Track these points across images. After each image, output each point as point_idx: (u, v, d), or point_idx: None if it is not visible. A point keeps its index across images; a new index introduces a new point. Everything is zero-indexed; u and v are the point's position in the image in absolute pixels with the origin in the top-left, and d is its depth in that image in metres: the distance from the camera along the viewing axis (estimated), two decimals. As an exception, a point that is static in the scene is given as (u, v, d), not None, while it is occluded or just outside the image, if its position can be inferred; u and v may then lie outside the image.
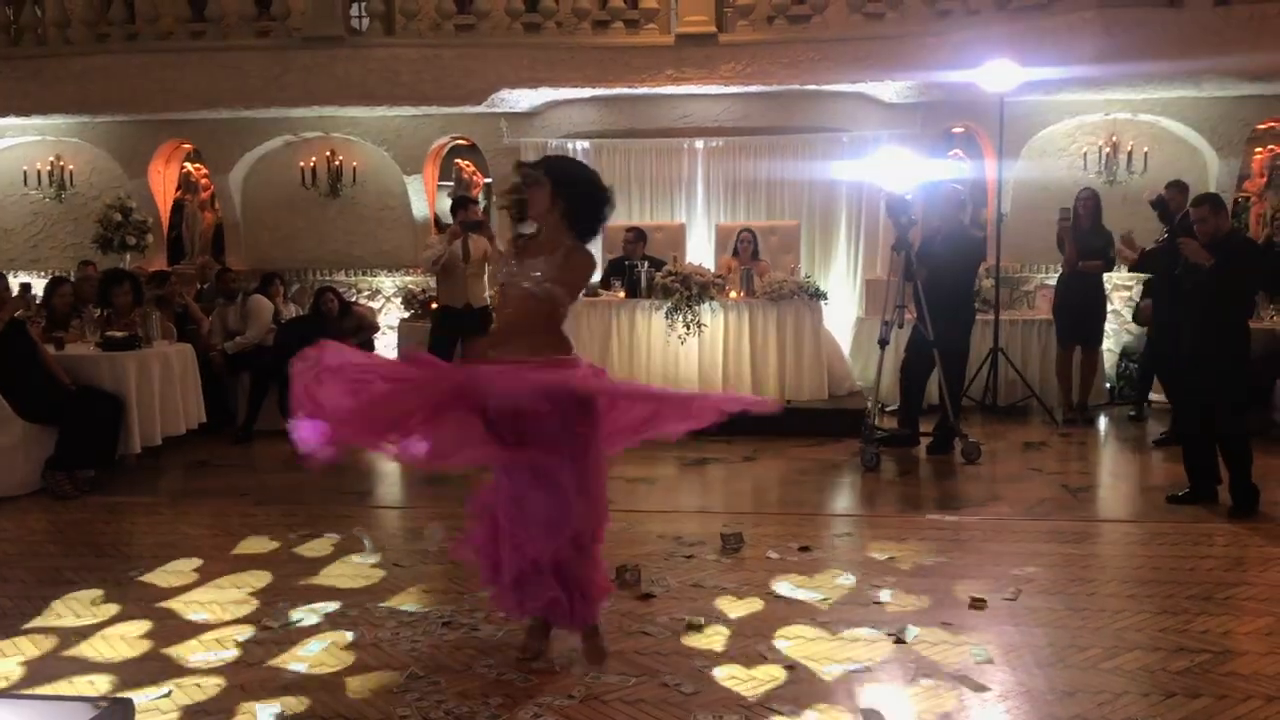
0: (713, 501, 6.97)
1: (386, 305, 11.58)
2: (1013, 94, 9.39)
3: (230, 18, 10.81)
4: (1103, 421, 9.43)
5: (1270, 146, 10.71)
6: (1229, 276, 6.15)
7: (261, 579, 5.11)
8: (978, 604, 4.66)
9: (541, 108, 11.07)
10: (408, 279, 11.68)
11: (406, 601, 4.79)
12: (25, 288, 10.46)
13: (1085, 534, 5.88)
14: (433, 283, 11.20)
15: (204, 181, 11.96)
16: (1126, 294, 10.74)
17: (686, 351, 8.89)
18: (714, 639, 4.29)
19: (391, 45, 10.58)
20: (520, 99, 10.78)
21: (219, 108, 10.94)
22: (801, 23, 10.44)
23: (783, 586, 4.91)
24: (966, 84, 9.60)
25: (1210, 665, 3.99)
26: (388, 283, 11.72)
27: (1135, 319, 10.23)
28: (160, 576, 5.17)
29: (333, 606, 4.72)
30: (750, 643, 4.24)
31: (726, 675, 3.94)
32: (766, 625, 4.43)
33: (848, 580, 5.01)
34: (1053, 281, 10.55)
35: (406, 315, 10.44)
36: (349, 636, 4.36)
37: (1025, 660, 4.04)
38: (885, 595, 4.80)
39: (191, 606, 4.73)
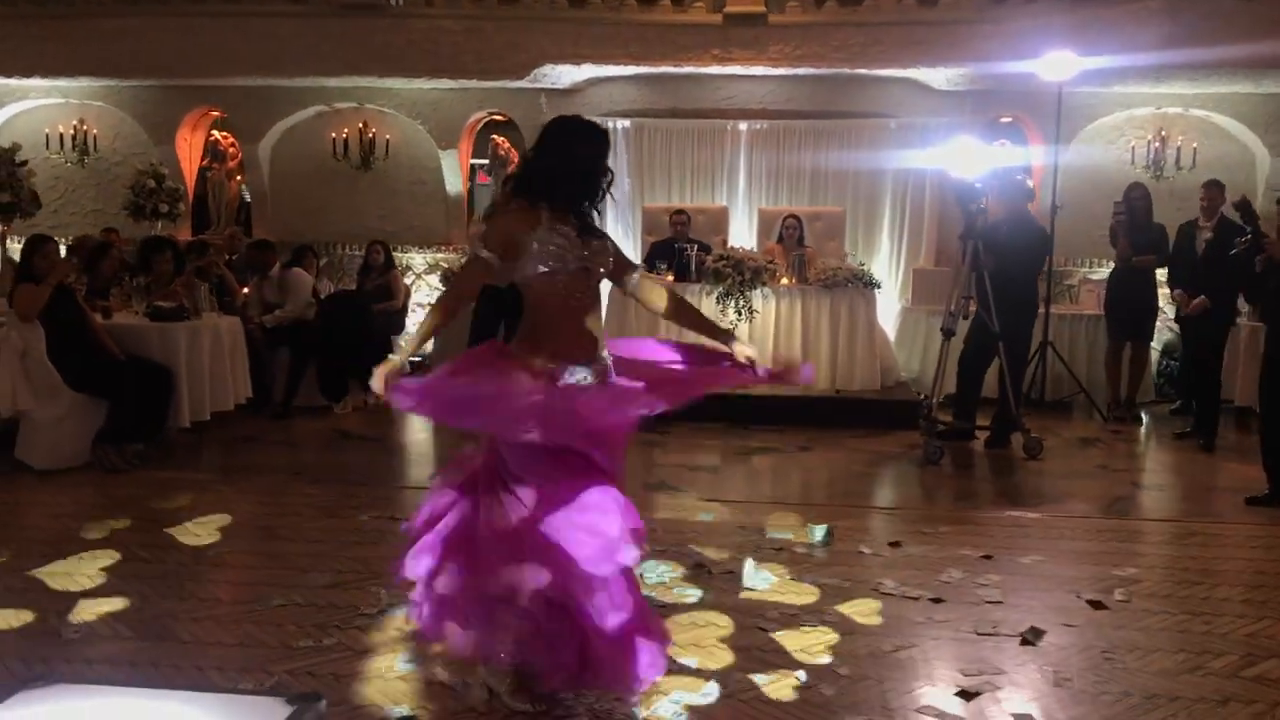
0: (780, 493, 6.83)
1: (418, 282, 11.37)
2: (1070, 84, 9.26)
3: (265, -17, 10.56)
4: (1149, 418, 9.33)
5: (1320, 145, 10.61)
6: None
7: (340, 561, 4.93)
8: (1095, 605, 4.53)
9: (582, 84, 10.87)
10: (439, 255, 11.47)
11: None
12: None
13: (1173, 534, 5.76)
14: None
15: (231, 150, 11.71)
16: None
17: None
18: (831, 637, 4.14)
19: (432, 16, 10.34)
20: (562, 75, 10.58)
21: (252, 75, 10.70)
22: (853, 5, 10.25)
23: (888, 583, 4.77)
24: (1020, 73, 9.48)
25: (1354, 676, 3.87)
26: (419, 259, 11.51)
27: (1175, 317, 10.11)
28: (237, 557, 4.99)
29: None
30: (871, 642, 4.09)
31: (859, 676, 3.79)
32: (886, 625, 4.29)
33: (951, 577, 4.87)
34: (1097, 276, 10.50)
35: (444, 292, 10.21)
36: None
37: (1162, 667, 3.91)
38: (994, 594, 4.66)
39: (277, 591, 4.55)
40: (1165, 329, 10.55)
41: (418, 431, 8.56)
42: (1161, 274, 9.08)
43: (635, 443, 7.46)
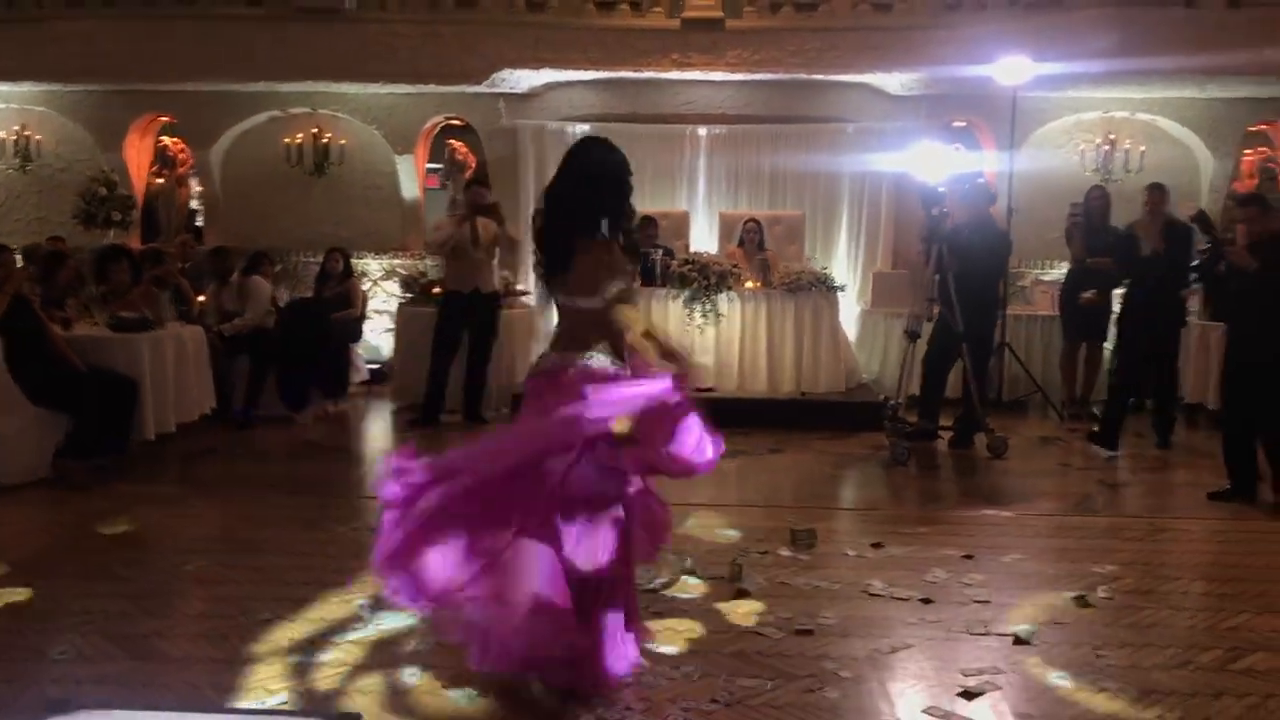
0: (755, 496, 6.84)
1: (374, 288, 11.25)
2: (1022, 89, 9.42)
3: (218, -14, 10.39)
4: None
5: (1260, 148, 10.91)
6: (1273, 278, 6.21)
7: (324, 574, 4.86)
8: (1080, 602, 4.61)
9: (541, 89, 10.83)
10: (396, 261, 11.37)
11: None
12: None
13: (1144, 531, 5.86)
14: (428, 263, 11.00)
15: (181, 156, 11.51)
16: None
17: (704, 342, 8.76)
18: (829, 640, 4.17)
19: (389, 20, 10.24)
20: (521, 79, 10.54)
21: (204, 79, 10.52)
22: (808, 11, 10.33)
23: (876, 584, 4.81)
24: (973, 78, 9.63)
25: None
26: (374, 265, 11.39)
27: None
28: (219, 571, 4.90)
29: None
30: (868, 644, 4.12)
31: (861, 678, 3.82)
32: (879, 625, 4.33)
33: (937, 578, 4.92)
34: (1049, 278, 10.70)
35: (406, 299, 10.14)
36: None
37: (1154, 662, 3.99)
38: (980, 593, 4.72)
39: (263, 605, 4.47)
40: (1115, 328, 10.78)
41: (378, 440, 8.50)
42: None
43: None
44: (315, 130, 11.24)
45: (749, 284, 8.88)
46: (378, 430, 8.95)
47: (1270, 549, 5.57)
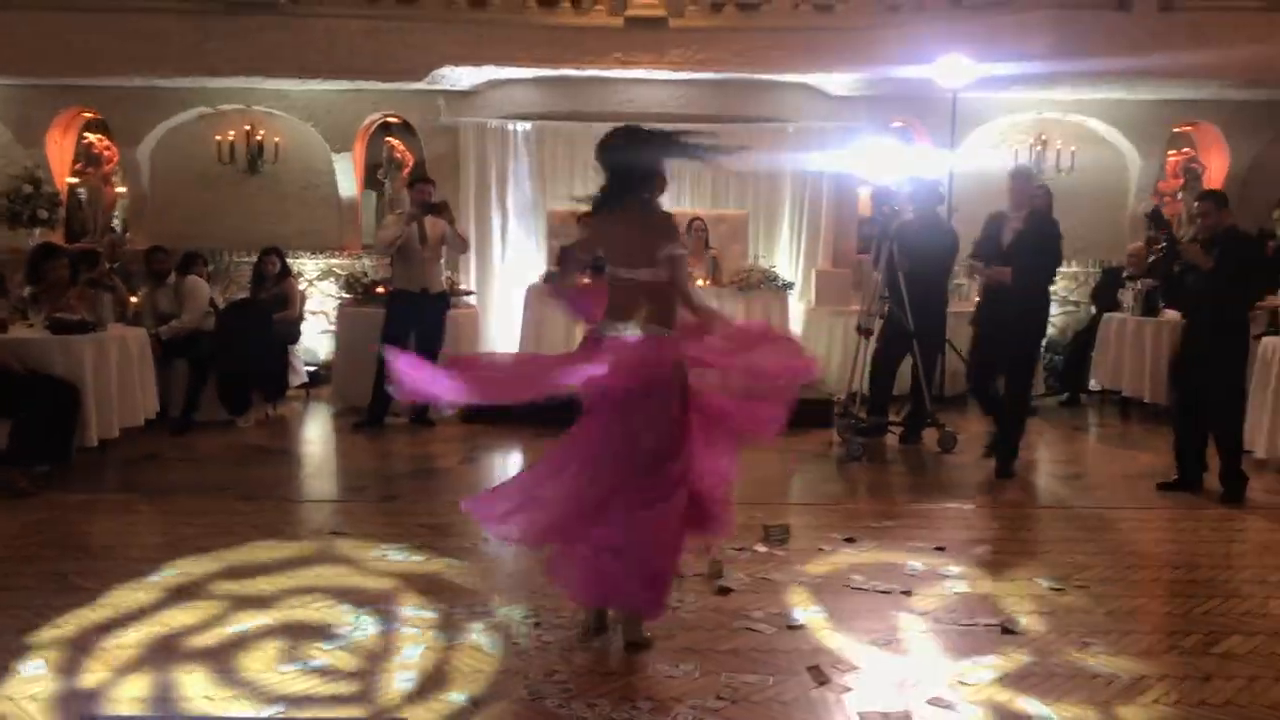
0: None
1: (310, 289, 11.01)
2: (963, 90, 9.59)
3: (147, -23, 10.06)
4: (1044, 410, 9.73)
5: (1184, 149, 11.24)
6: (1227, 274, 6.38)
7: (295, 580, 4.73)
8: (1058, 591, 4.69)
9: (482, 86, 10.71)
10: (333, 261, 11.15)
11: (471, 601, 4.50)
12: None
13: (1103, 521, 5.98)
14: (366, 263, 10.82)
15: (107, 154, 11.13)
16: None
17: (654, 340, 8.73)
18: (822, 634, 4.17)
19: (328, 15, 10.01)
20: (461, 77, 10.41)
21: (131, 74, 10.18)
22: (751, 11, 10.37)
23: (857, 578, 4.84)
24: (913, 79, 9.78)
25: (1312, 647, 4.10)
26: (311, 265, 11.15)
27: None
28: (188, 581, 4.73)
29: (402, 610, 4.39)
30: (861, 636, 4.14)
31: (858, 671, 3.82)
32: (868, 618, 4.34)
33: (914, 570, 4.97)
34: (986, 275, 10.86)
35: (347, 299, 9.94)
36: (443, 640, 4.06)
37: (1140, 649, 4.06)
38: (960, 585, 4.78)
39: (244, 614, 4.33)
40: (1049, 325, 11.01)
41: (325, 443, 8.33)
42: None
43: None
44: (248, 127, 10.97)
45: (700, 282, 8.87)
46: (321, 433, 8.76)
47: (1224, 537, 5.74)
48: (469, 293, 9.95)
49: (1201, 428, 6.58)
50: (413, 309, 8.52)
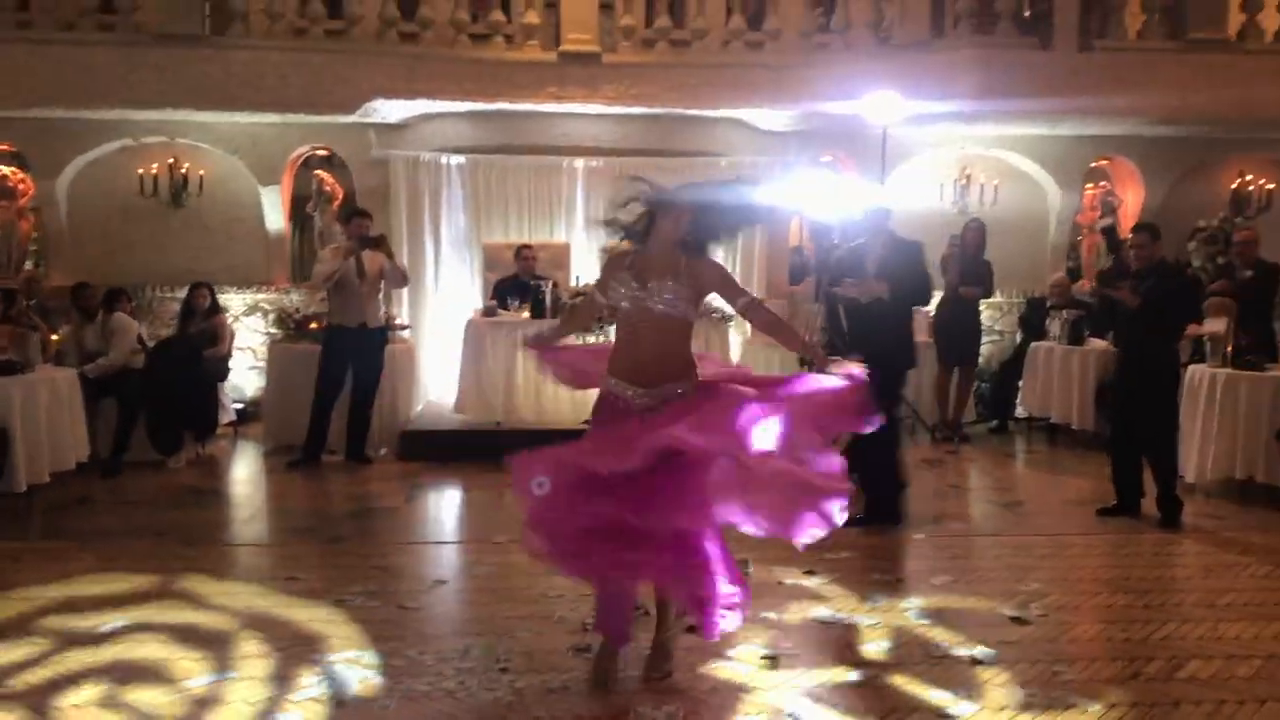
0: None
1: (236, 324, 10.75)
2: (892, 125, 9.79)
3: (65, 8, 9.77)
4: (975, 437, 9.94)
5: (1101, 183, 11.62)
6: (1157, 307, 6.60)
7: (260, 628, 4.59)
8: (1019, 621, 4.77)
9: (413, 120, 10.62)
10: (260, 295, 10.93)
11: (441, 647, 4.41)
12: None
13: (1053, 548, 6.11)
14: (295, 298, 10.64)
15: (21, 187, 10.78)
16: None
17: (596, 374, 8.72)
18: (798, 670, 4.18)
19: (256, 47, 9.84)
20: (393, 110, 10.31)
21: (49, 106, 9.87)
22: (683, 47, 10.48)
23: (824, 611, 4.86)
24: (842, 115, 9.96)
25: (1269, 670, 4.22)
26: (237, 300, 10.91)
27: None
28: (144, 633, 4.55)
29: (368, 656, 4.28)
30: (837, 673, 4.15)
31: (840, 707, 3.84)
32: (841, 654, 4.36)
33: (877, 603, 5.01)
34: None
35: (278, 335, 9.73)
36: (421, 688, 3.96)
37: (1107, 676, 4.14)
38: (925, 617, 4.83)
39: (205, 666, 4.18)
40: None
41: (261, 483, 8.12)
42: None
43: (508, 486, 7.33)
44: (172, 160, 10.71)
45: (640, 316, 8.88)
46: (255, 473, 8.54)
47: (1168, 561, 5.92)
48: (404, 327, 9.83)
49: (1137, 455, 6.78)
50: (350, 344, 8.40)
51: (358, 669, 4.14)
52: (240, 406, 10.22)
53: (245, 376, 10.74)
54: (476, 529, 6.79)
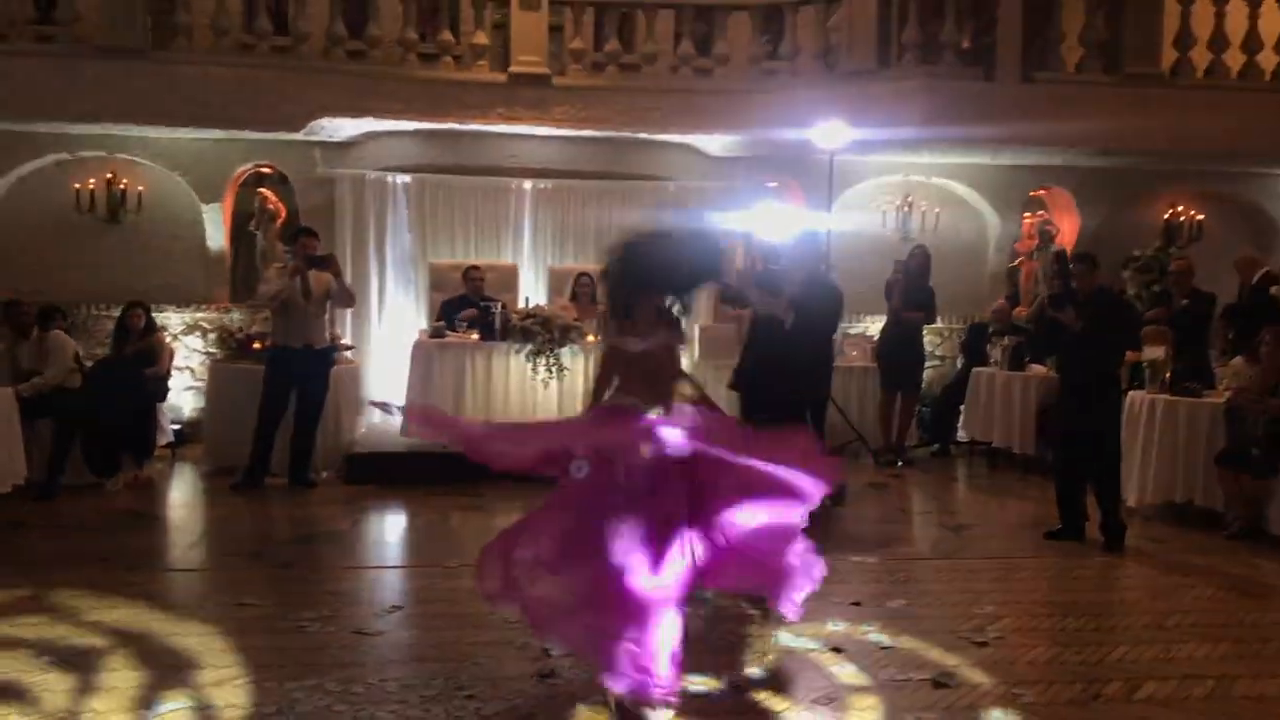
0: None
1: (174, 342, 10.52)
2: (840, 152, 9.93)
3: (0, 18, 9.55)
4: (917, 460, 10.06)
5: (1039, 212, 11.88)
6: (1099, 333, 6.76)
7: (215, 655, 4.47)
8: (979, 644, 4.82)
9: (360, 138, 10.53)
10: (199, 315, 10.73)
11: (400, 673, 4.34)
12: None
13: (1003, 570, 6.20)
14: (235, 317, 10.48)
15: (-50, 201, 10.47)
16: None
17: (546, 396, 8.71)
18: (764, 695, 4.18)
19: (201, 63, 9.68)
20: (340, 128, 10.22)
21: (-20, 119, 9.63)
22: (632, 71, 10.54)
23: (785, 636, 4.87)
24: (790, 141, 10.08)
25: (1224, 689, 4.31)
26: (175, 319, 10.68)
27: None
28: (96, 662, 4.41)
29: (328, 683, 4.19)
30: (804, 696, 4.16)
31: (809, 732, 3.85)
32: (805, 678, 4.37)
33: (837, 627, 5.03)
34: (854, 331, 11.22)
35: (220, 355, 9.55)
36: (384, 716, 3.89)
37: (1068, 698, 4.20)
38: (884, 639, 4.86)
39: (161, 693, 4.06)
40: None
41: (203, 506, 7.94)
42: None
43: (456, 509, 7.28)
44: (110, 175, 10.48)
45: (590, 337, 8.88)
46: (195, 495, 8.35)
47: (1115, 584, 6.05)
48: (349, 347, 9.70)
49: (1081, 479, 6.91)
50: (295, 366, 8.26)
51: (319, 696, 4.05)
52: (178, 427, 9.99)
53: (182, 397, 10.50)
54: (428, 553, 6.70)
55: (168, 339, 10.14)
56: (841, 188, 11.17)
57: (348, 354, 9.69)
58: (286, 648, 4.61)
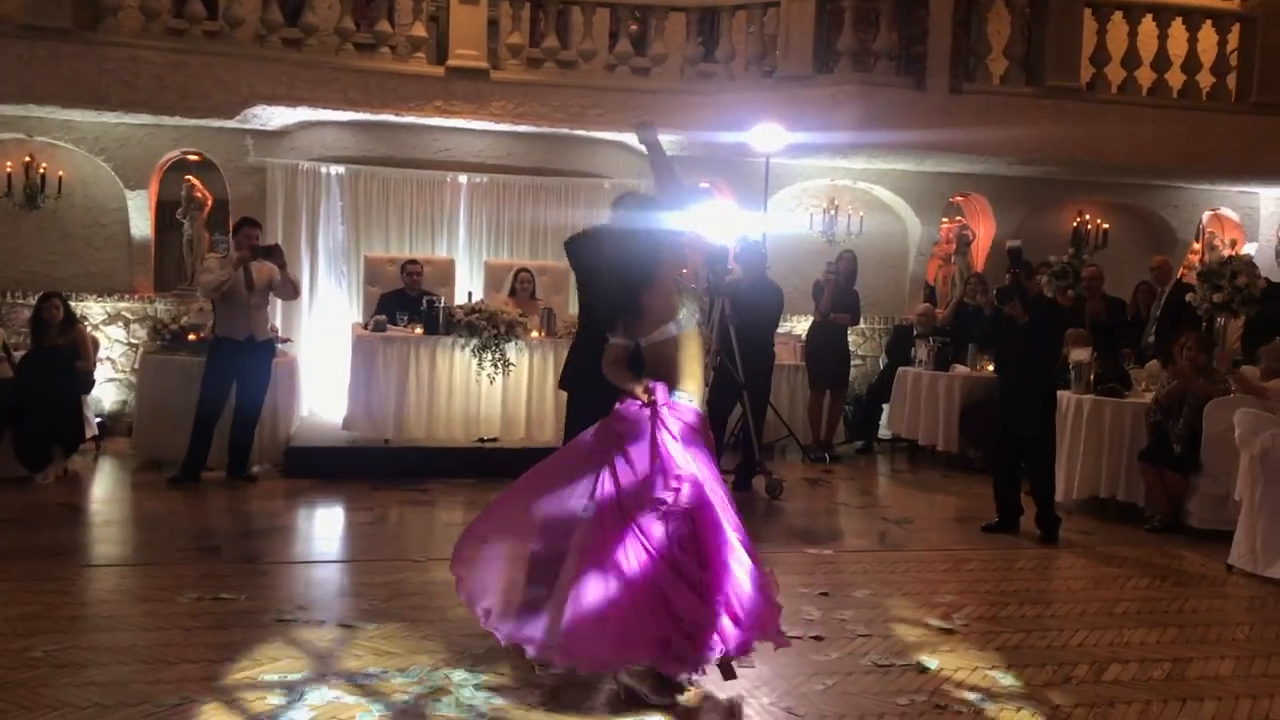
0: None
1: (95, 332, 10.21)
2: (776, 155, 10.17)
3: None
4: (844, 457, 10.36)
5: (957, 218, 12.32)
6: (1041, 336, 7.11)
7: (193, 651, 4.43)
8: (946, 631, 5.05)
9: (293, 127, 10.38)
10: (121, 304, 10.44)
11: (398, 664, 4.37)
12: None
13: (953, 562, 6.47)
14: (159, 308, 10.26)
15: None
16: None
17: (490, 392, 8.73)
18: (754, 685, 4.30)
19: (131, 45, 9.42)
20: (273, 116, 10.05)
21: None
22: (569, 68, 10.60)
23: (767, 625, 5.02)
24: (725, 143, 10.28)
25: (1179, 671, 4.61)
26: (96, 309, 10.38)
27: None
28: (79, 655, 4.33)
29: (330, 678, 4.20)
30: (794, 685, 4.31)
31: (818, 715, 4.00)
32: (793, 666, 4.51)
33: (812, 615, 5.21)
34: (782, 331, 11.47)
35: (151, 345, 9.31)
36: (383, 711, 3.91)
37: (1043, 681, 4.45)
38: (860, 628, 5.05)
39: (164, 688, 4.02)
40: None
41: (142, 500, 7.74)
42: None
43: (405, 504, 7.26)
44: (28, 159, 10.13)
45: (535, 333, 8.93)
46: (129, 489, 8.14)
47: (1058, 574, 6.36)
48: (287, 340, 9.55)
49: (1018, 474, 7.25)
50: (237, 358, 8.12)
51: (326, 690, 4.06)
52: (100, 420, 9.72)
53: (104, 389, 10.22)
54: (393, 548, 6.65)
55: (88, 329, 9.86)
56: (772, 190, 11.43)
57: (285, 346, 9.54)
58: (275, 641, 4.59)
